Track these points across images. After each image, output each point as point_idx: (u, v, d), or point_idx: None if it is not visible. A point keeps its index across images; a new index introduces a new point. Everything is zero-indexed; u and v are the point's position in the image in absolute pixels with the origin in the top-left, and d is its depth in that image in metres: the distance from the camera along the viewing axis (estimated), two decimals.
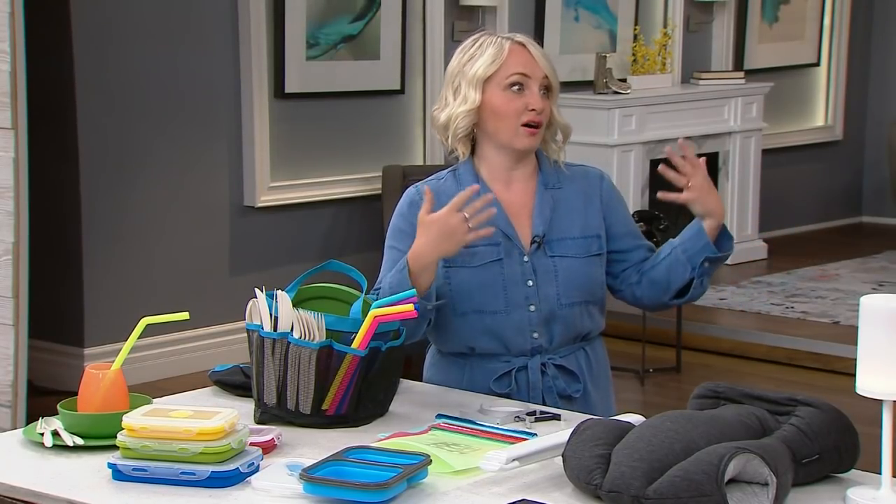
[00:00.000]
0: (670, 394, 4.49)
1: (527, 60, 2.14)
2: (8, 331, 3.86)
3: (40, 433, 1.86)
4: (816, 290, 5.64)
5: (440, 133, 2.20)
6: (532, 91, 2.13)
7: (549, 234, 2.15)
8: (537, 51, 2.17)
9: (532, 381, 2.15)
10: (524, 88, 2.13)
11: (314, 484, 1.63)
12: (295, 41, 4.80)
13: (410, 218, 2.14)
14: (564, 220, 2.17)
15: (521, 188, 2.18)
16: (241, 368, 2.14)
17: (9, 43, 3.74)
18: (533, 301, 2.13)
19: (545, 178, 2.19)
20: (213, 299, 4.62)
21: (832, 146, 7.04)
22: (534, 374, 2.15)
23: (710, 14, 6.32)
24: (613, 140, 5.55)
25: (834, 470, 1.74)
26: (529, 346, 2.15)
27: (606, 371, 2.25)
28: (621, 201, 2.26)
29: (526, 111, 2.13)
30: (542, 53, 2.18)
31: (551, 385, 2.15)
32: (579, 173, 2.23)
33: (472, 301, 2.14)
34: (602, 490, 1.63)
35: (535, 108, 2.13)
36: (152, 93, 4.50)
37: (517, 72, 2.13)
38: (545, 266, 2.15)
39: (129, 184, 4.47)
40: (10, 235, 3.82)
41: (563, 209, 2.18)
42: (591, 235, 2.18)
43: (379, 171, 4.99)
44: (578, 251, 2.16)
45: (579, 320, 2.16)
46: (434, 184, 2.18)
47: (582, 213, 2.18)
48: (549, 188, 2.18)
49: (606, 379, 2.25)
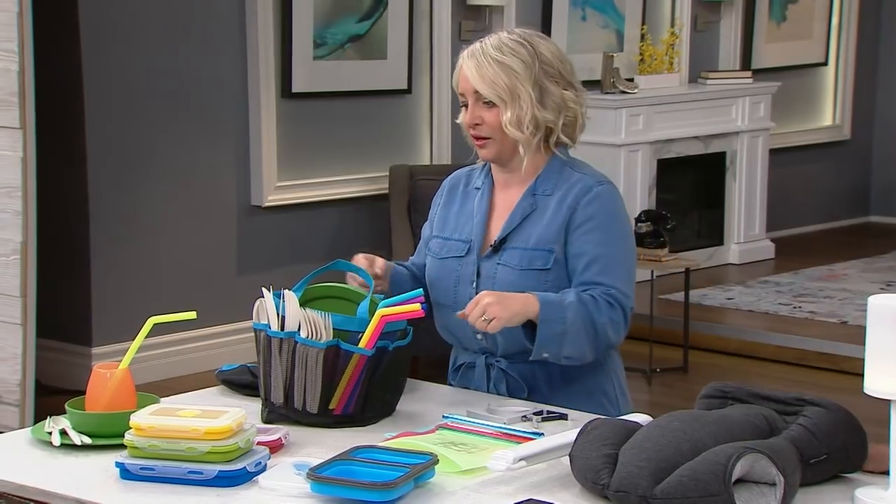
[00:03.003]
0: (678, 394, 4.49)
1: (461, 77, 2.14)
2: (16, 330, 3.86)
3: (48, 432, 1.86)
4: (824, 289, 5.63)
5: None
6: (470, 106, 2.14)
7: (509, 240, 2.13)
8: (471, 63, 2.11)
9: (477, 380, 2.16)
10: (468, 105, 2.15)
11: (321, 483, 1.63)
12: (302, 41, 4.80)
13: (433, 203, 2.27)
14: (529, 228, 2.12)
15: (516, 191, 2.18)
16: (248, 368, 2.15)
17: (17, 43, 3.75)
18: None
19: (538, 182, 2.15)
20: (221, 299, 4.62)
21: (840, 146, 7.02)
22: (479, 371, 2.16)
23: (717, 13, 6.31)
24: (621, 140, 5.54)
25: (842, 470, 1.74)
26: (477, 347, 2.17)
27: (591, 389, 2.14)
28: (592, 221, 2.08)
29: (469, 126, 2.16)
30: (478, 65, 2.10)
31: (494, 386, 2.14)
32: (575, 180, 2.14)
33: (435, 291, 2.19)
34: (609, 490, 1.63)
35: (468, 123, 2.14)
36: (159, 92, 4.51)
37: (459, 91, 2.16)
38: (488, 271, 2.13)
39: (137, 183, 4.48)
40: (18, 235, 3.83)
41: (536, 217, 2.13)
42: (541, 248, 2.10)
43: (386, 170, 4.99)
44: (520, 263, 2.10)
45: (522, 338, 2.06)
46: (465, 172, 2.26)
47: (548, 223, 2.11)
48: (537, 194, 2.14)
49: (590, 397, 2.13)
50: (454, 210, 2.22)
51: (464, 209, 2.21)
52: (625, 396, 2.20)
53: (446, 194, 2.25)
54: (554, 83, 2.12)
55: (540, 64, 2.11)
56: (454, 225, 2.20)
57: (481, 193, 2.20)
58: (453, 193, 2.24)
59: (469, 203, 2.21)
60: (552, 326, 2.01)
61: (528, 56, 2.11)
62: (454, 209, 2.22)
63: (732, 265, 6.09)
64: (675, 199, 5.89)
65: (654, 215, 4.84)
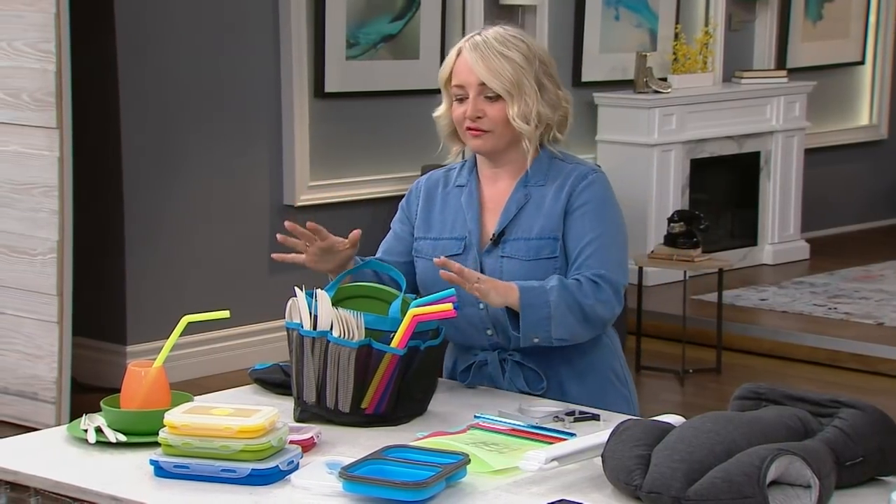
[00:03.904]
0: (710, 395, 4.46)
1: (462, 69, 2.13)
2: (52, 328, 3.90)
3: (84, 429, 1.88)
4: (860, 290, 5.57)
5: None
6: (469, 99, 2.12)
7: (508, 233, 2.12)
8: (476, 55, 2.11)
9: (493, 376, 2.15)
10: (465, 98, 2.13)
11: (353, 482, 1.64)
12: (335, 41, 4.82)
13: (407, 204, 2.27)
14: (528, 219, 2.12)
15: (505, 185, 2.17)
16: (280, 367, 2.16)
17: (54, 43, 3.79)
18: (482, 300, 2.09)
19: (529, 175, 2.15)
20: (254, 298, 4.65)
21: (876, 145, 6.95)
22: (494, 368, 2.14)
23: (752, 12, 6.26)
24: (654, 140, 5.52)
25: (878, 472, 1.72)
26: (487, 342, 2.15)
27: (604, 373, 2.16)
28: (587, 205, 2.10)
29: (465, 119, 2.14)
30: (483, 57, 2.10)
31: (511, 381, 2.13)
32: (569, 170, 2.15)
33: (431, 292, 2.13)
34: (642, 491, 1.62)
35: (469, 116, 2.13)
36: (194, 92, 4.54)
37: (455, 83, 2.14)
38: (493, 266, 2.13)
39: (171, 183, 4.51)
40: (55, 234, 3.87)
41: (531, 208, 2.13)
42: (546, 237, 2.11)
43: (418, 170, 4.99)
44: (527, 253, 2.10)
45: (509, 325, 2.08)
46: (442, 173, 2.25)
47: (547, 212, 2.11)
48: (529, 185, 2.14)
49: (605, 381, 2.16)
50: (436, 210, 2.20)
51: (447, 208, 2.19)
52: (628, 373, 2.24)
53: (424, 195, 2.23)
54: (550, 80, 2.14)
55: (538, 61, 2.13)
56: (441, 224, 2.19)
57: (467, 190, 2.18)
58: (432, 194, 2.22)
59: (452, 201, 2.19)
60: (536, 311, 2.03)
61: (529, 51, 2.12)
62: (436, 209, 2.20)
63: (766, 266, 6.04)
64: (709, 200, 5.85)
65: (687, 215, 4.81)
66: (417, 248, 2.20)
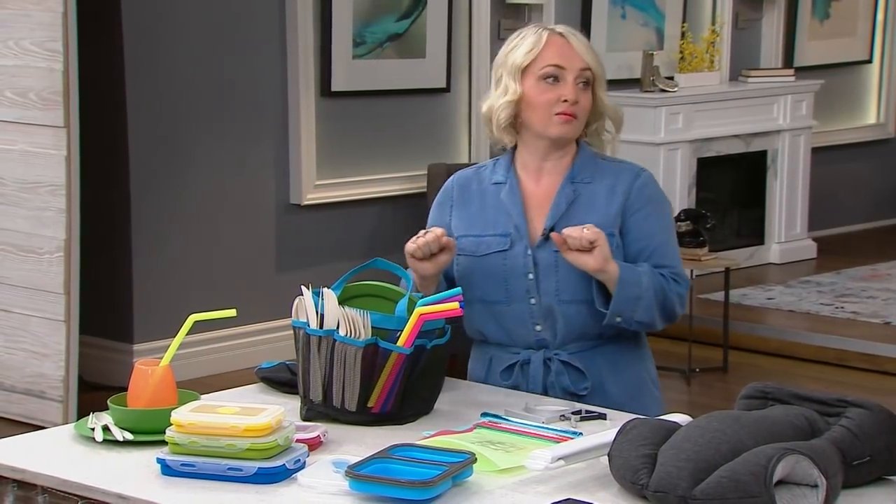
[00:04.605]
0: (717, 394, 4.46)
1: (563, 52, 2.13)
2: (59, 327, 3.91)
3: (91, 428, 1.88)
4: (867, 289, 5.56)
5: (485, 124, 2.21)
6: (567, 82, 2.12)
7: (559, 227, 2.12)
8: (578, 41, 2.15)
9: (534, 375, 2.14)
10: (559, 80, 2.12)
11: (360, 481, 1.64)
12: (341, 40, 4.82)
13: (439, 207, 2.25)
14: (581, 215, 2.12)
15: (549, 181, 2.17)
16: (287, 366, 2.16)
17: (61, 42, 3.80)
18: (533, 294, 2.12)
19: (575, 171, 2.17)
20: (260, 296, 4.65)
21: (884, 144, 6.94)
22: (535, 367, 2.14)
23: (759, 11, 6.25)
24: (660, 138, 5.51)
25: (885, 472, 1.72)
26: (534, 339, 2.15)
27: (641, 371, 2.20)
28: (649, 205, 2.14)
29: (559, 102, 2.12)
30: (584, 44, 2.15)
31: (554, 381, 2.13)
32: (616, 169, 2.18)
33: (476, 290, 2.15)
34: (648, 490, 1.62)
35: (568, 100, 2.12)
36: (200, 91, 4.55)
37: (551, 63, 2.12)
38: (547, 260, 2.12)
39: (178, 181, 4.52)
40: (62, 232, 3.88)
41: (582, 204, 2.14)
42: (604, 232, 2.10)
43: (424, 169, 5.00)
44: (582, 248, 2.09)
45: (583, 319, 2.12)
46: (472, 172, 2.24)
47: (601, 210, 2.13)
48: (576, 182, 2.16)
49: (640, 380, 2.19)
50: (474, 208, 2.20)
51: (485, 205, 2.19)
52: (657, 374, 2.26)
53: (458, 195, 2.22)
54: None
55: None
56: (483, 222, 2.18)
57: (507, 187, 2.18)
58: (467, 192, 2.21)
59: (490, 199, 2.19)
60: (629, 289, 2.06)
61: None
62: (473, 207, 2.20)
63: (773, 265, 6.03)
64: (716, 198, 5.85)
65: (694, 214, 4.80)
66: (461, 246, 2.18)
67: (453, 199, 2.23)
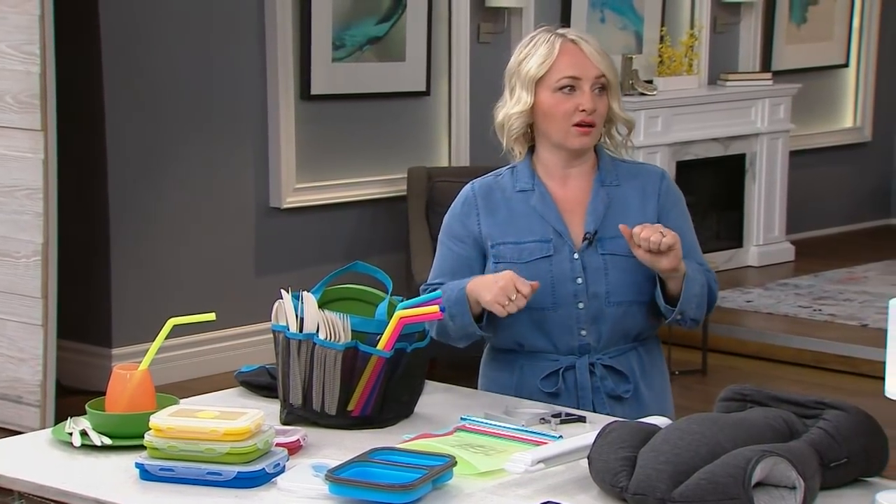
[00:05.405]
0: (696, 396, 4.47)
1: (578, 61, 2.12)
2: (37, 331, 3.89)
3: (69, 433, 1.87)
4: (844, 292, 5.60)
5: (498, 132, 2.20)
6: (584, 91, 2.11)
7: (601, 231, 2.13)
8: (590, 47, 2.13)
9: (580, 381, 2.13)
10: (575, 89, 2.11)
11: (340, 485, 1.64)
12: (321, 43, 4.81)
13: (462, 217, 2.18)
14: (619, 217, 2.13)
15: (577, 185, 2.17)
16: (267, 369, 2.15)
17: (38, 45, 3.78)
18: (581, 298, 2.12)
19: (603, 175, 2.17)
20: (240, 300, 4.64)
21: (861, 147, 6.98)
22: (582, 373, 2.13)
23: (737, 15, 6.28)
24: (639, 141, 5.52)
25: (862, 474, 1.73)
26: (577, 344, 2.13)
27: (662, 372, 2.24)
28: (678, 204, 2.20)
29: (577, 112, 2.11)
30: (597, 49, 2.13)
31: (599, 385, 2.13)
32: (639, 171, 2.20)
33: None
34: (627, 492, 1.63)
35: (586, 109, 2.11)
36: (179, 94, 4.53)
37: (567, 74, 2.11)
38: (595, 264, 2.12)
39: (156, 185, 4.50)
40: (39, 236, 3.86)
41: (618, 207, 2.15)
42: None
43: (404, 172, 4.99)
44: (629, 250, 2.08)
45: (629, 320, 2.14)
46: (491, 180, 2.20)
47: (638, 212, 2.15)
48: (606, 185, 2.16)
49: (663, 380, 2.23)
50: (502, 216, 2.16)
51: (515, 213, 2.15)
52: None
53: (483, 204, 2.17)
54: None
55: None
56: (517, 229, 2.15)
57: (537, 194, 2.16)
58: (490, 201, 2.17)
59: (518, 206, 2.16)
60: (693, 286, 2.10)
61: None
62: (501, 215, 2.16)
63: (752, 267, 6.06)
64: (694, 202, 5.82)
65: None
66: (499, 254, 2.14)
67: (478, 208, 2.17)
